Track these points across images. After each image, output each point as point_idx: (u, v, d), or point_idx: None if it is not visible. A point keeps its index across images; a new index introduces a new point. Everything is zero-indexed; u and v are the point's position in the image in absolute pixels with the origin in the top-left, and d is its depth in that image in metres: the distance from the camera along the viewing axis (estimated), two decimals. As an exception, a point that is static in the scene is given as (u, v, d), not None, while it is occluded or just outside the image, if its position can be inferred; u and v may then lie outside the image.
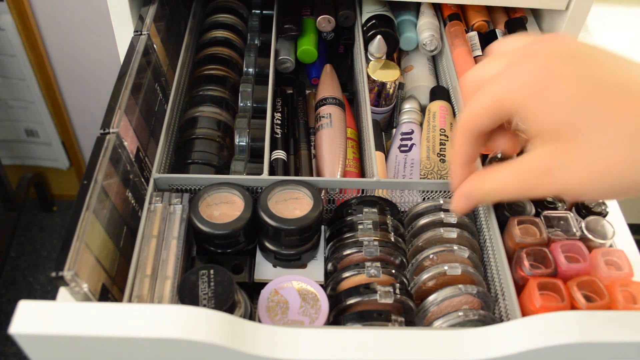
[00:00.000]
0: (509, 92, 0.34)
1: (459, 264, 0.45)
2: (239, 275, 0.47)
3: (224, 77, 0.62)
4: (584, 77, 0.31)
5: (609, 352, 0.36)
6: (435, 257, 0.47)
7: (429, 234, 0.48)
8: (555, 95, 0.32)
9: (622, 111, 0.30)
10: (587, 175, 0.32)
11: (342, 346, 0.35)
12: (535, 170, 0.34)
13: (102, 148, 0.44)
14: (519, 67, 0.34)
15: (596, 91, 0.31)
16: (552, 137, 0.33)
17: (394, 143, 0.61)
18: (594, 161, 0.31)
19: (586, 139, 0.31)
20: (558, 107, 0.32)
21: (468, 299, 0.45)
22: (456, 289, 0.44)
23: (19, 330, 0.32)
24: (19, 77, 1.25)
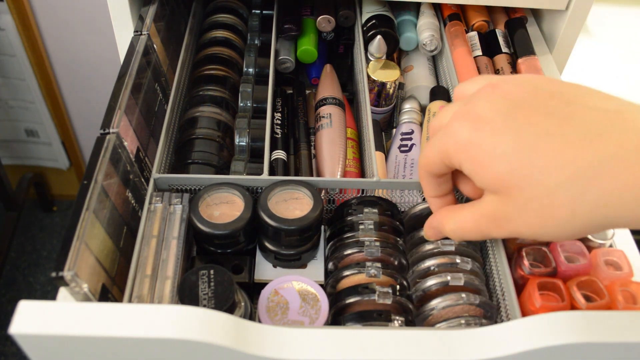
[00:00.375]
0: (446, 149, 0.36)
1: (462, 275, 0.45)
2: (239, 275, 0.47)
3: (224, 77, 0.62)
4: (518, 129, 0.32)
5: (609, 352, 0.36)
6: (437, 268, 0.46)
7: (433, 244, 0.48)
8: (488, 154, 0.33)
9: (558, 158, 0.31)
10: (536, 222, 0.33)
11: (342, 346, 0.35)
12: (487, 217, 0.36)
13: (102, 148, 0.44)
14: (456, 124, 0.35)
15: (531, 141, 0.32)
16: (496, 190, 0.34)
17: (394, 143, 0.61)
18: (537, 209, 0.32)
19: (524, 191, 0.32)
20: (491, 165, 0.33)
21: (470, 308, 0.45)
22: (459, 297, 0.44)
23: (19, 330, 0.32)
24: (19, 77, 1.25)
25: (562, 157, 0.31)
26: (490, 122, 0.33)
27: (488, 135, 0.33)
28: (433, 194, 0.42)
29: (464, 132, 0.34)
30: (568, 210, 0.31)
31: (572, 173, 0.31)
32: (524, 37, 0.66)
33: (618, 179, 0.30)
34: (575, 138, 0.31)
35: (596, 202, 0.30)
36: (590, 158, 0.30)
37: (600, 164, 0.30)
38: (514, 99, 0.34)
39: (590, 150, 0.30)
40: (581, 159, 0.30)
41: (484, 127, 0.34)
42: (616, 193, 0.30)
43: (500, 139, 0.33)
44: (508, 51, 0.66)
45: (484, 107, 0.34)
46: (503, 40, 0.67)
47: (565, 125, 0.31)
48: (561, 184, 0.31)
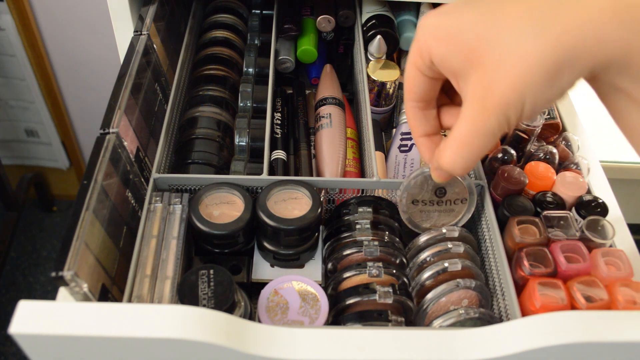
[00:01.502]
0: (418, 45, 0.36)
1: (458, 260, 0.45)
2: (238, 275, 0.47)
3: (224, 77, 0.62)
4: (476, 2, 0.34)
5: (609, 352, 0.36)
6: (433, 258, 0.47)
7: (428, 235, 0.48)
8: (454, 28, 0.34)
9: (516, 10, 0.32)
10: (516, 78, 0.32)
11: (342, 346, 0.35)
12: (476, 107, 0.34)
13: (102, 148, 0.44)
14: (421, 22, 0.36)
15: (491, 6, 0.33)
16: (469, 67, 0.34)
17: (394, 143, 0.61)
18: (512, 64, 0.32)
19: (496, 51, 0.33)
20: (459, 39, 0.34)
21: (467, 294, 0.45)
22: (454, 284, 0.44)
23: (19, 330, 0.32)
24: (19, 77, 1.25)
25: (523, 6, 0.32)
26: (452, 6, 0.35)
27: (451, 14, 0.34)
28: (421, 132, 0.41)
29: (429, 20, 0.35)
30: (537, 51, 0.31)
31: (533, 16, 0.31)
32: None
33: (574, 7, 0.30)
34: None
35: (560, 35, 0.31)
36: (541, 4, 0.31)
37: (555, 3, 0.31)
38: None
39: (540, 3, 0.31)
40: (539, 1, 0.31)
41: (446, 11, 0.35)
42: (575, 20, 0.30)
43: (463, 13, 0.34)
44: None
45: (443, 4, 0.36)
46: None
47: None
48: (525, 30, 0.32)
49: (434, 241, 0.48)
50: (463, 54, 0.34)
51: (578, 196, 0.51)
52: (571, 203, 0.51)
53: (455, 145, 0.37)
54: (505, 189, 0.51)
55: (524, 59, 0.32)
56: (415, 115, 0.41)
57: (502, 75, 0.33)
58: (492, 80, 0.33)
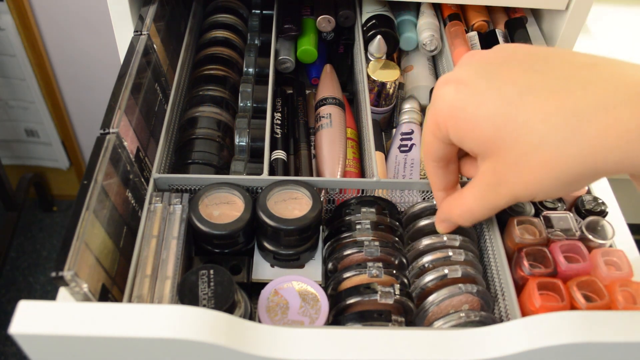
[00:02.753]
0: (435, 120, 0.36)
1: (459, 266, 0.45)
2: (238, 275, 0.47)
3: (224, 77, 0.62)
4: (499, 88, 0.33)
5: (609, 352, 0.36)
6: (432, 265, 0.46)
7: (429, 240, 0.48)
8: (472, 115, 0.33)
9: (541, 111, 0.31)
10: (530, 179, 0.33)
11: (342, 346, 0.35)
12: (485, 187, 0.36)
13: (102, 148, 0.44)
14: (438, 91, 0.36)
15: (513, 98, 0.32)
16: (485, 153, 0.34)
17: (394, 143, 0.61)
18: (528, 166, 0.32)
19: (513, 150, 0.32)
20: (476, 127, 0.33)
21: (468, 299, 0.45)
22: (456, 289, 0.44)
23: (19, 330, 0.32)
24: (19, 77, 1.25)
25: (545, 110, 0.31)
26: (472, 84, 0.34)
27: (470, 96, 0.33)
28: (440, 187, 0.42)
29: (447, 96, 0.35)
30: (558, 162, 0.31)
31: (556, 124, 0.31)
32: (524, 37, 0.66)
33: (600, 124, 0.29)
34: (556, 90, 0.31)
35: (583, 150, 0.30)
36: (572, 108, 0.30)
37: (582, 112, 0.30)
38: (493, 62, 0.34)
39: (571, 101, 0.30)
40: (563, 110, 0.30)
41: (465, 89, 0.34)
42: (601, 138, 0.30)
43: (483, 99, 0.33)
44: (508, 51, 0.66)
45: (464, 71, 0.35)
46: (503, 40, 0.66)
47: (545, 79, 0.32)
48: (547, 137, 0.31)
49: (434, 248, 0.48)
50: (480, 142, 0.34)
51: (578, 196, 0.51)
52: (571, 203, 0.51)
53: (463, 210, 0.39)
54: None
55: (542, 167, 0.32)
56: (435, 173, 0.41)
57: (517, 175, 0.33)
58: (506, 175, 0.33)
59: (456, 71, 0.36)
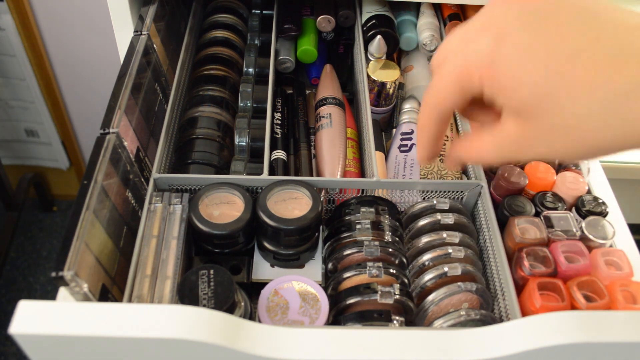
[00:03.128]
0: (467, 68, 0.33)
1: (458, 264, 0.45)
2: (238, 275, 0.47)
3: (224, 77, 0.62)
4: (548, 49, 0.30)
5: (609, 352, 0.36)
6: (432, 263, 0.46)
7: (428, 237, 0.48)
8: (515, 77, 0.31)
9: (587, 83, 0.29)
10: (562, 147, 0.31)
11: (342, 346, 0.35)
12: (511, 144, 0.34)
13: (102, 148, 0.44)
14: (475, 42, 0.32)
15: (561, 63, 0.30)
16: (519, 113, 0.32)
17: (394, 143, 0.61)
18: (564, 135, 0.31)
19: (551, 117, 0.31)
20: (518, 86, 0.31)
21: (467, 297, 0.45)
22: (455, 287, 0.44)
23: (19, 330, 0.32)
24: (19, 77, 1.25)
25: (592, 81, 0.29)
26: (515, 36, 0.31)
27: (515, 52, 0.30)
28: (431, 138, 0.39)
29: (486, 46, 0.31)
30: (597, 138, 0.30)
31: (603, 98, 0.29)
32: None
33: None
34: (606, 59, 0.29)
35: (627, 129, 0.29)
36: (622, 83, 0.28)
37: (632, 90, 0.28)
38: (538, 11, 0.31)
39: (621, 75, 0.28)
40: (611, 84, 0.29)
41: (509, 40, 0.31)
42: None
43: (530, 58, 0.30)
44: (508, 51, 0.66)
45: (504, 16, 0.31)
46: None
47: (596, 44, 0.29)
48: (590, 111, 0.29)
49: (433, 245, 0.48)
50: (519, 102, 0.32)
51: (578, 196, 0.51)
52: (571, 203, 0.51)
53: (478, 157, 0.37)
54: (505, 189, 0.51)
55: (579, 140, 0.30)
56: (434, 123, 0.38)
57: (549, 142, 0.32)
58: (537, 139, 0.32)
59: (494, 14, 0.32)
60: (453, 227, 0.48)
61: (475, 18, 0.34)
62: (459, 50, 0.34)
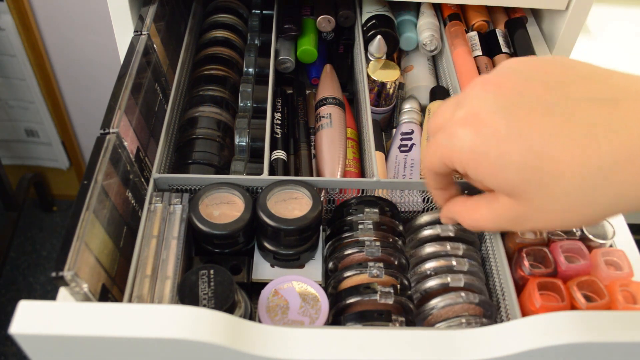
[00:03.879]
0: (449, 156, 0.35)
1: (461, 275, 0.45)
2: (238, 275, 0.47)
3: (224, 77, 0.62)
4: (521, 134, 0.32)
5: (609, 352, 0.36)
6: (434, 272, 0.46)
7: (432, 248, 0.48)
8: (496, 164, 0.33)
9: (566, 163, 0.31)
10: (555, 218, 0.33)
11: (342, 346, 0.35)
12: (505, 218, 0.36)
13: (102, 148, 0.44)
14: (455, 131, 0.34)
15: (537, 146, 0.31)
16: (509, 194, 0.34)
17: (394, 143, 0.61)
18: (554, 209, 0.32)
19: (538, 196, 0.32)
20: (500, 174, 0.33)
21: (470, 307, 0.45)
22: (458, 297, 0.44)
23: (19, 330, 0.32)
24: (19, 77, 1.25)
25: (570, 161, 0.30)
26: (491, 125, 0.32)
27: (492, 142, 0.32)
28: (437, 187, 0.42)
29: (466, 139, 0.34)
30: (585, 209, 0.31)
31: (583, 176, 0.30)
32: (524, 37, 0.66)
33: (628, 175, 0.30)
34: (580, 138, 0.30)
35: (611, 199, 0.31)
36: (599, 161, 0.30)
37: (610, 165, 0.30)
38: (510, 97, 0.33)
39: (597, 154, 0.30)
40: (589, 163, 0.30)
41: (485, 132, 0.33)
42: (630, 187, 0.30)
43: (506, 146, 0.32)
44: (508, 51, 0.66)
45: (479, 107, 0.33)
46: (503, 40, 0.67)
47: (568, 123, 0.31)
48: (574, 187, 0.31)
49: (437, 255, 0.47)
50: (504, 185, 0.33)
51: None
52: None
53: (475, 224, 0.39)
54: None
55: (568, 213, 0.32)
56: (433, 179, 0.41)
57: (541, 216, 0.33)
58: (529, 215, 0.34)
59: (470, 104, 0.34)
60: (455, 239, 0.48)
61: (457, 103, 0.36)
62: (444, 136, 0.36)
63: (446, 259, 0.46)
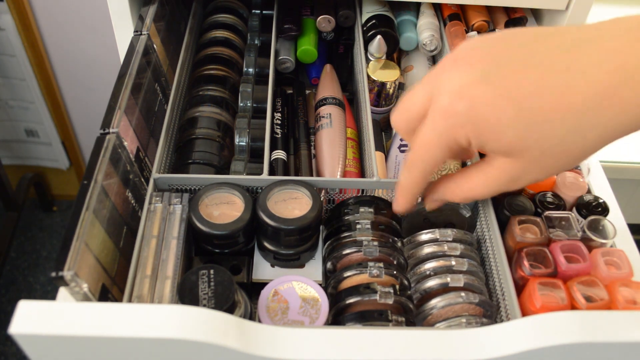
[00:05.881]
0: (453, 134, 0.36)
1: (461, 276, 0.45)
2: (238, 275, 0.47)
3: (224, 77, 0.62)
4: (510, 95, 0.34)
5: (609, 352, 0.36)
6: (433, 272, 0.46)
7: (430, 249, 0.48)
8: (494, 126, 0.34)
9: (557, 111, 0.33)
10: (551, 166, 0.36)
11: (342, 346, 0.35)
12: (506, 178, 0.38)
13: (102, 148, 0.44)
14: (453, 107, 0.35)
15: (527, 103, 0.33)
16: (508, 153, 0.36)
17: (394, 143, 0.61)
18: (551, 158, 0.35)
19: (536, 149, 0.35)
20: (500, 135, 0.35)
21: (470, 307, 0.45)
22: (458, 297, 0.44)
23: (19, 330, 0.32)
24: (19, 77, 1.25)
25: (558, 107, 0.33)
26: (481, 95, 0.34)
27: (487, 107, 0.34)
28: (417, 192, 0.42)
29: (463, 113, 0.35)
30: (580, 148, 0.34)
31: (571, 121, 0.33)
32: (524, 37, 0.65)
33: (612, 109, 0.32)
34: (560, 84, 0.33)
35: (601, 130, 0.33)
36: (582, 103, 0.32)
37: (592, 105, 0.32)
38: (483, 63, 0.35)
39: (579, 97, 0.32)
40: (575, 107, 0.33)
41: (478, 101, 0.34)
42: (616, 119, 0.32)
43: (500, 108, 0.34)
44: (508, 51, 0.66)
45: (461, 80, 0.35)
46: (503, 40, 0.66)
47: (546, 74, 0.33)
48: (566, 130, 0.33)
49: (435, 256, 0.47)
50: (503, 145, 0.35)
51: (578, 196, 0.51)
52: (572, 203, 0.51)
53: (468, 194, 0.41)
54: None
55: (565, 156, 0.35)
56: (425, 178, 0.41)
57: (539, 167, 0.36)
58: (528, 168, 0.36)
59: (450, 83, 0.35)
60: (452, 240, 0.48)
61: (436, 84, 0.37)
62: (439, 114, 0.36)
63: (445, 259, 0.46)
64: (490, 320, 0.45)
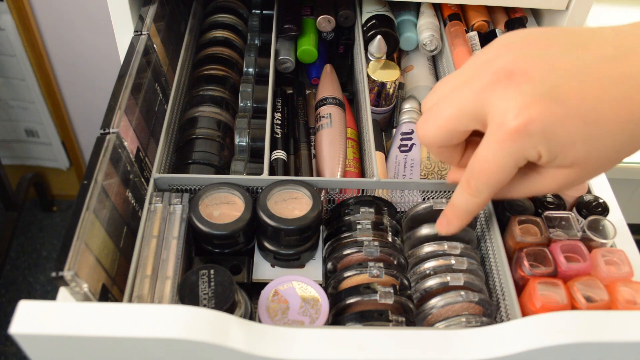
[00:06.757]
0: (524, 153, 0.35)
1: (461, 274, 0.45)
2: (238, 275, 0.47)
3: (224, 77, 0.62)
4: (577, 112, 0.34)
5: (609, 352, 0.36)
6: (433, 271, 0.46)
7: (430, 248, 0.48)
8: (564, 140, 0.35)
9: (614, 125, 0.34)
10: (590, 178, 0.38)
11: (343, 346, 0.35)
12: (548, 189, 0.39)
13: (102, 148, 0.44)
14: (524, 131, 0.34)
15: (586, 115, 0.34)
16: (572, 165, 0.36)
17: (394, 143, 0.61)
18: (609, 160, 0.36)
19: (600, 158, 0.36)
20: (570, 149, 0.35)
21: (470, 305, 0.45)
22: (458, 296, 0.44)
23: (19, 330, 0.32)
24: (19, 77, 1.25)
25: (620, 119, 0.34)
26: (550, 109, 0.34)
27: (558, 124, 0.34)
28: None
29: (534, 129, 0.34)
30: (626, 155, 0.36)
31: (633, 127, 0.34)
32: (524, 37, 0.65)
33: None
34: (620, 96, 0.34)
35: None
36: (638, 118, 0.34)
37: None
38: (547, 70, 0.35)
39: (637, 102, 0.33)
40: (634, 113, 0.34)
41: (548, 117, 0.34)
42: None
43: (571, 124, 0.34)
44: (508, 51, 0.66)
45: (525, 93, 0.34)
46: (503, 40, 0.66)
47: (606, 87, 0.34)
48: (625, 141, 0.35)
49: (435, 255, 0.47)
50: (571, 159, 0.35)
51: (578, 196, 0.51)
52: (571, 203, 0.51)
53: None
54: (505, 189, 0.51)
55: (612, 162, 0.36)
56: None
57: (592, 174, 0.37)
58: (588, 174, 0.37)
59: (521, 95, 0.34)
60: (452, 238, 0.48)
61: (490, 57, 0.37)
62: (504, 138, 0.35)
63: (445, 258, 0.46)
64: (490, 319, 0.45)
